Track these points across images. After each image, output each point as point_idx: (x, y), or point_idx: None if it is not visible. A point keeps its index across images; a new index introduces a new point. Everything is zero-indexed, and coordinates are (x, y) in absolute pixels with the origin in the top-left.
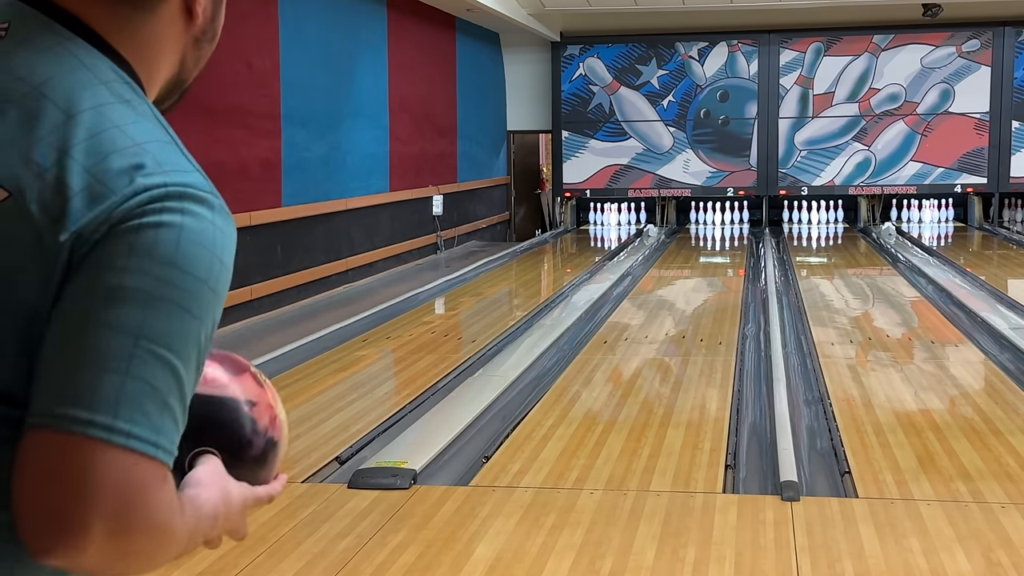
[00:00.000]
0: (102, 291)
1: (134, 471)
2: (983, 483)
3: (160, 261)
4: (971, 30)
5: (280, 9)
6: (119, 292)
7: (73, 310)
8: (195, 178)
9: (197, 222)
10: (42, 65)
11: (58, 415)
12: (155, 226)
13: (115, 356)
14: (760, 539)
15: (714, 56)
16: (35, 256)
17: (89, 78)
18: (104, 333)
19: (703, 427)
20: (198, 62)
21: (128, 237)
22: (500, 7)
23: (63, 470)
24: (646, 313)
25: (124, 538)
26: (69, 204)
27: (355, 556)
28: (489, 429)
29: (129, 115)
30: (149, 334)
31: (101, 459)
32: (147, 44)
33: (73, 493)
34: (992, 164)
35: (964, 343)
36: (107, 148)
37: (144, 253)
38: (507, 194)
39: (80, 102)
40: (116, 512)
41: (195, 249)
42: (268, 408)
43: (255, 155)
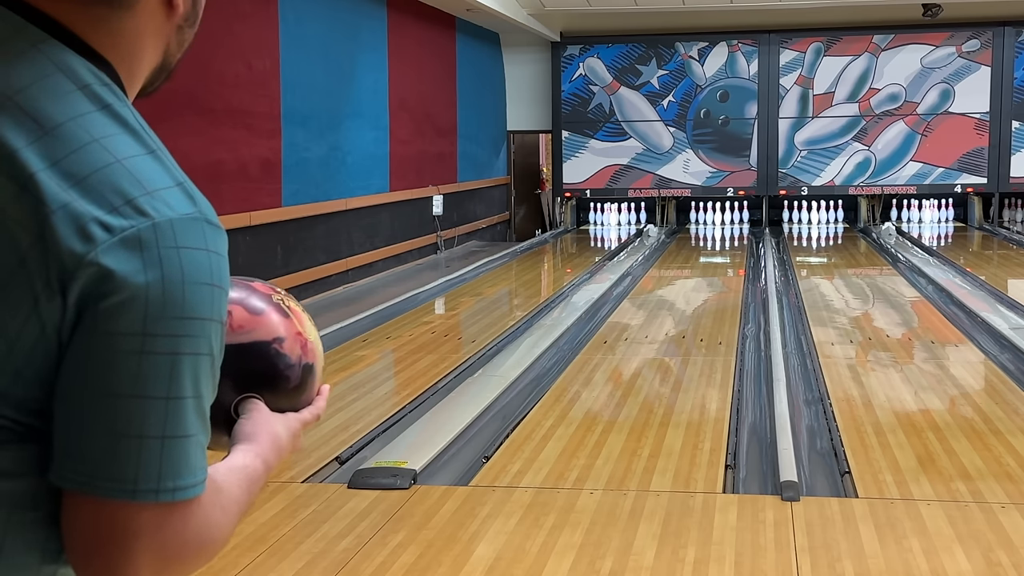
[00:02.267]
0: (124, 360)
1: (173, 515)
2: (983, 483)
3: (174, 316)
4: (971, 30)
5: (280, 9)
6: (143, 361)
7: (99, 379)
8: (181, 199)
9: (197, 257)
10: (16, 72)
11: (102, 486)
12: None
13: (149, 424)
14: (760, 539)
15: (714, 56)
16: (19, 277)
17: (65, 84)
18: (138, 404)
19: (703, 427)
20: (181, 46)
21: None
22: (500, 7)
23: (111, 532)
24: (646, 313)
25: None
26: (51, 228)
27: (355, 556)
28: (489, 429)
29: (108, 125)
30: (178, 392)
31: (146, 517)
32: (128, 40)
33: (121, 551)
34: (992, 164)
35: (964, 343)
36: (86, 167)
37: (158, 313)
38: (507, 194)
39: (56, 114)
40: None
41: (199, 290)
42: (297, 337)
43: (255, 155)
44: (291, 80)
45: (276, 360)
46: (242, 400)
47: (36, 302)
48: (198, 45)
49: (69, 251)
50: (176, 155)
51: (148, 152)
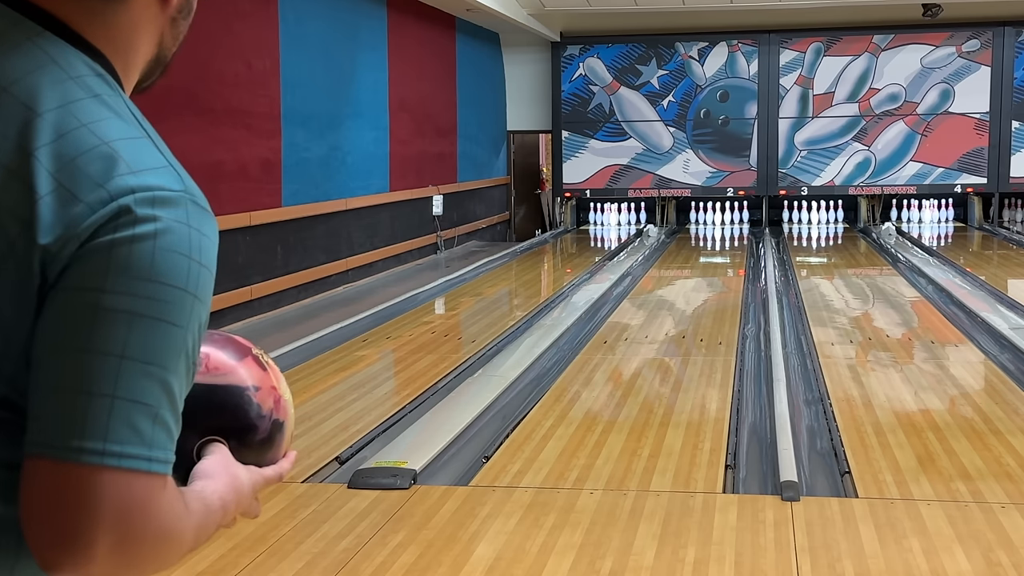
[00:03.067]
0: (83, 315)
1: (132, 488)
2: (983, 483)
3: (137, 277)
4: (971, 30)
5: (280, 9)
6: (100, 314)
7: (57, 336)
8: (166, 177)
9: (172, 228)
10: (10, 63)
11: (54, 444)
12: (128, 241)
13: (102, 380)
14: (760, 539)
15: (714, 56)
16: (7, 264)
17: (59, 74)
18: (89, 358)
19: (703, 427)
20: (176, 38)
21: (102, 255)
22: (500, 7)
23: (64, 496)
24: (646, 313)
25: (129, 550)
26: (38, 211)
27: (355, 556)
28: (489, 429)
29: (99, 111)
30: (134, 353)
31: (98, 482)
32: (122, 33)
33: (76, 516)
34: (992, 164)
35: (964, 343)
36: (74, 150)
37: (120, 271)
38: (507, 194)
39: (48, 100)
40: (118, 528)
41: (171, 257)
42: (272, 391)
43: (255, 155)
44: (291, 80)
45: (248, 407)
46: (206, 443)
47: (24, 287)
48: (198, 45)
49: (53, 234)
50: (176, 155)
51: (138, 137)
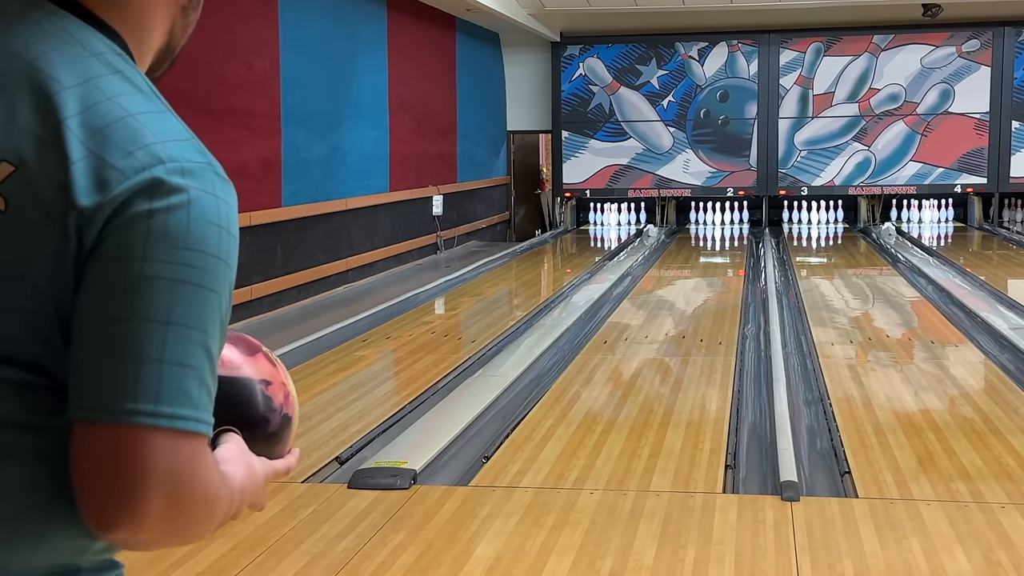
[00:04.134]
0: (127, 283)
1: (180, 448)
2: (983, 483)
3: (175, 246)
4: (971, 30)
5: (280, 9)
6: (143, 283)
7: (103, 305)
8: (191, 149)
9: (201, 198)
10: (34, 41)
11: (105, 408)
12: (164, 211)
13: (150, 346)
14: (760, 539)
15: (714, 56)
16: (45, 229)
17: (80, 52)
18: (136, 325)
19: (703, 427)
20: (186, 30)
21: (140, 225)
22: (500, 7)
23: (117, 457)
24: (646, 313)
25: (179, 510)
26: (72, 179)
27: (355, 556)
28: (489, 429)
29: (122, 86)
30: (177, 318)
31: (152, 443)
32: (137, 16)
33: (129, 476)
34: (992, 164)
35: (964, 343)
36: (102, 121)
37: (159, 240)
38: (507, 194)
39: (73, 75)
40: (169, 487)
41: (204, 226)
42: (282, 386)
43: (255, 155)
44: (291, 80)
45: (260, 400)
46: (220, 433)
47: (62, 252)
48: (198, 45)
49: (90, 198)
50: None
51: (160, 111)
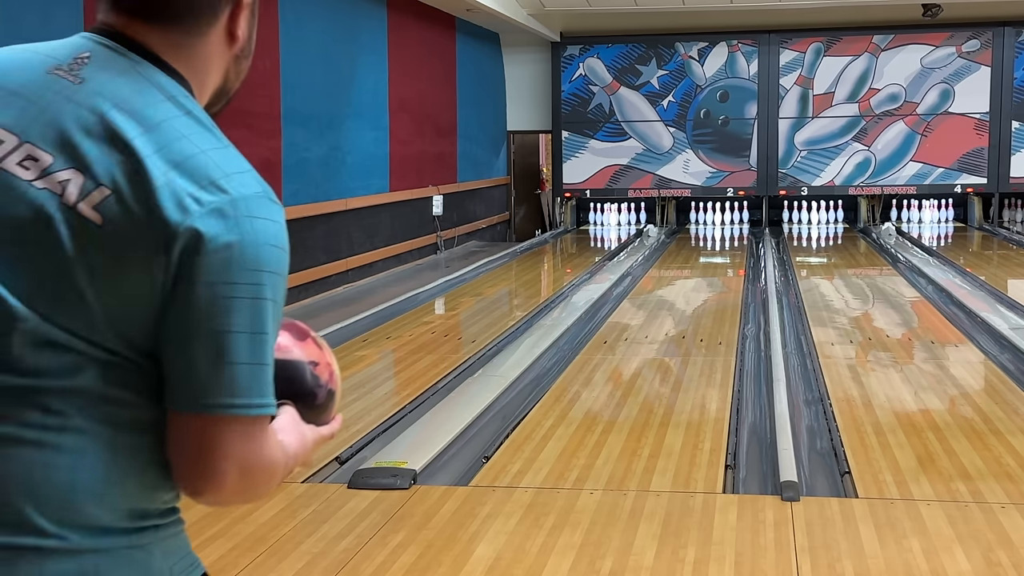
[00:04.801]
0: (217, 304)
1: (254, 429)
2: (983, 483)
3: (252, 269)
4: (971, 30)
5: (280, 9)
6: (232, 303)
7: (197, 321)
8: (252, 180)
9: (266, 225)
10: (119, 85)
11: (202, 403)
12: (239, 240)
13: (234, 352)
14: (760, 539)
15: (714, 56)
16: (135, 242)
17: (157, 94)
18: (225, 336)
19: (703, 427)
20: (239, 75)
21: (221, 252)
22: (500, 7)
23: (208, 442)
24: (646, 313)
25: (250, 478)
26: (158, 204)
27: (355, 556)
28: (489, 429)
29: (192, 126)
30: (256, 327)
31: (232, 429)
32: (198, 63)
33: (216, 457)
34: (992, 164)
35: (964, 343)
36: (178, 156)
37: (239, 266)
38: (507, 194)
39: (153, 116)
40: (243, 461)
41: (271, 251)
42: (327, 366)
43: (255, 155)
44: (291, 80)
45: (308, 378)
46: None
47: (148, 262)
48: None
49: (172, 219)
50: None
51: (224, 146)
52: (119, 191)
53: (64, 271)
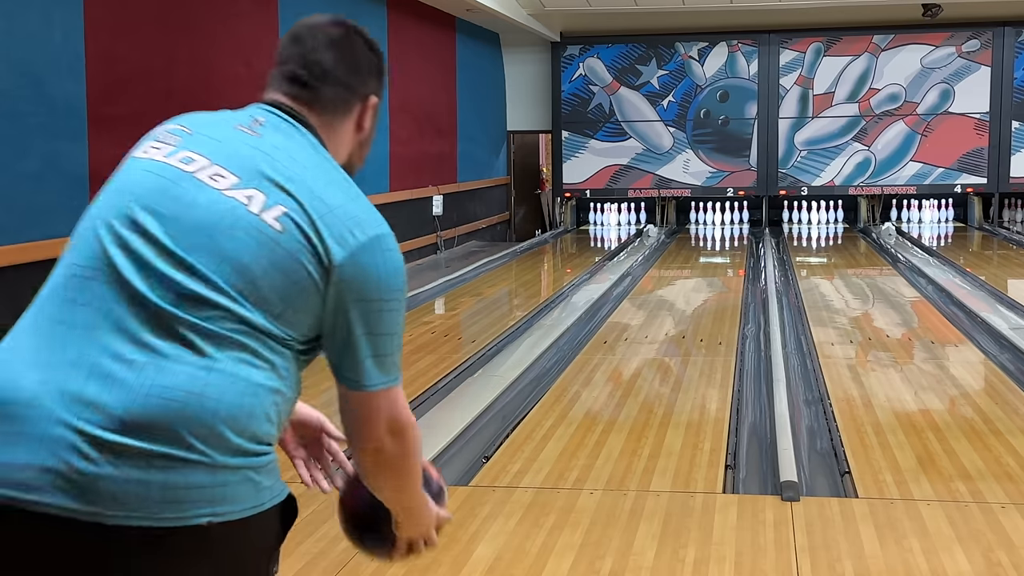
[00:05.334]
0: (372, 315)
1: (395, 395)
2: (983, 483)
3: (391, 287)
4: (971, 30)
5: (280, 9)
6: (382, 313)
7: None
8: (379, 219)
9: (395, 254)
10: (287, 140)
11: (367, 384)
12: (382, 264)
13: (385, 347)
14: (760, 539)
15: (714, 56)
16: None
17: (315, 153)
18: (378, 338)
19: (703, 427)
20: (361, 157)
21: (371, 272)
22: (500, 7)
23: (373, 409)
24: (646, 313)
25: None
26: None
27: (355, 556)
28: (489, 429)
29: (341, 178)
30: (395, 329)
31: (380, 399)
32: (336, 139)
33: (377, 419)
34: (992, 164)
35: (964, 343)
36: (334, 200)
37: (385, 284)
38: (507, 194)
39: (314, 167)
40: (392, 420)
41: (400, 272)
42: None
43: None
44: None
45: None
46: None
47: (317, 284)
48: (198, 45)
49: (334, 252)
50: None
51: (358, 196)
52: (291, 214)
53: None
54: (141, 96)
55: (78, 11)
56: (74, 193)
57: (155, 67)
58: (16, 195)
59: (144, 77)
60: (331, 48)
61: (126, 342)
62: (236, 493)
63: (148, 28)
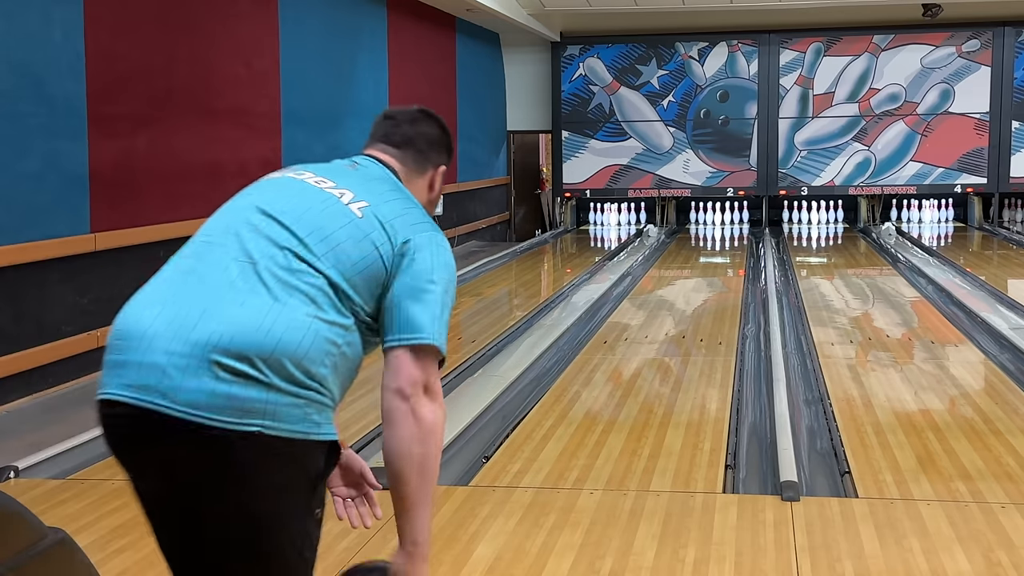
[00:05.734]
0: (425, 282)
1: (434, 353)
2: (983, 483)
3: (441, 265)
4: (971, 30)
5: (280, 9)
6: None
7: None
8: (430, 221)
9: (444, 248)
10: (376, 176)
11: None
12: (435, 247)
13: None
14: (760, 539)
15: (714, 56)
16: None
17: (393, 185)
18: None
19: (703, 427)
20: (431, 211)
21: (425, 254)
22: (500, 7)
23: (418, 361)
24: (646, 313)
25: (432, 387)
26: (390, 236)
27: (355, 556)
28: (489, 429)
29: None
30: (446, 301)
31: (428, 353)
32: (413, 191)
33: (420, 369)
34: (992, 164)
35: (964, 343)
36: (401, 208)
37: (435, 262)
38: (507, 194)
39: (390, 190)
40: (429, 373)
41: (447, 255)
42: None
43: (255, 155)
44: (291, 80)
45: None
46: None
47: (383, 261)
48: (198, 45)
49: (398, 246)
50: (176, 155)
51: (416, 206)
52: (368, 210)
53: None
54: (141, 96)
55: (78, 11)
56: (74, 193)
57: (155, 66)
58: (16, 195)
59: (144, 76)
60: (413, 124)
61: (224, 287)
62: (285, 414)
63: (148, 27)
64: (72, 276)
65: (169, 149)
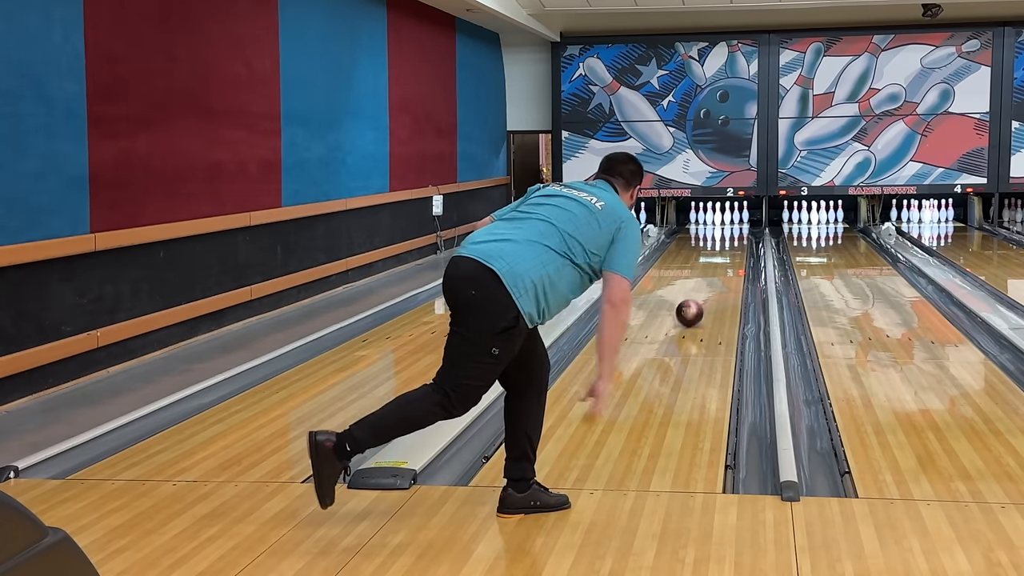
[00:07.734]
0: (629, 249)
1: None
2: (983, 483)
3: (634, 239)
4: (971, 30)
5: (280, 9)
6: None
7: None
8: (630, 213)
9: (637, 229)
10: (606, 189)
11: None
12: (634, 230)
13: (634, 260)
14: (760, 539)
15: (714, 56)
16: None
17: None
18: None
19: (703, 427)
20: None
21: (631, 234)
22: (500, 7)
23: (620, 285)
24: (646, 313)
25: (628, 300)
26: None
27: (355, 556)
28: (489, 429)
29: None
30: (638, 251)
31: (624, 280)
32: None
33: (624, 288)
34: (992, 164)
35: (964, 343)
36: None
37: (634, 239)
38: (507, 194)
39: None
40: (626, 291)
41: (638, 233)
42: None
43: (255, 155)
44: (291, 80)
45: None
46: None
47: (607, 228)
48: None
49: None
50: (176, 155)
51: (619, 200)
52: (603, 205)
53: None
54: (141, 96)
55: (78, 11)
56: (74, 193)
57: (155, 67)
58: (16, 195)
59: (144, 77)
60: (621, 163)
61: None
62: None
63: (148, 27)
64: (72, 276)
65: (169, 149)
